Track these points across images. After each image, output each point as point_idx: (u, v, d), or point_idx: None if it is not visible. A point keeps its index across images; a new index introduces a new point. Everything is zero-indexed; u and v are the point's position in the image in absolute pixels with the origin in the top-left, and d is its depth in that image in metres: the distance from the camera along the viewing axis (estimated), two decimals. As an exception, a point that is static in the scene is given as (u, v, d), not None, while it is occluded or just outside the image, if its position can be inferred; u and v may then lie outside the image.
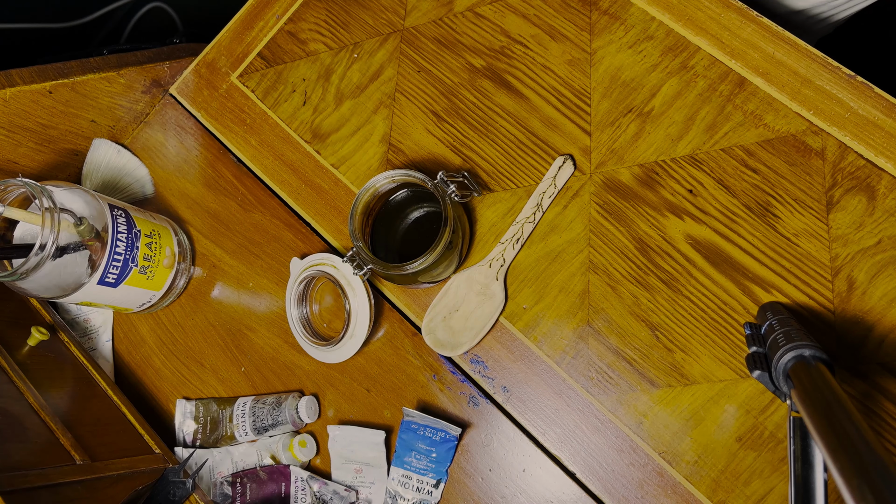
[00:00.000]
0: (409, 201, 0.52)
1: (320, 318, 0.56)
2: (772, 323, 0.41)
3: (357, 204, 0.48)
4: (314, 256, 0.54)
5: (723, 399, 0.46)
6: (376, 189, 0.48)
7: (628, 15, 0.54)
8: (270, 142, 0.61)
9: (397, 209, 0.52)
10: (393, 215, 0.52)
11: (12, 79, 0.55)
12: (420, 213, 0.52)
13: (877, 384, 0.44)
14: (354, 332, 0.52)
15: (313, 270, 0.53)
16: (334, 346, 0.52)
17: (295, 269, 0.55)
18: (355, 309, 0.51)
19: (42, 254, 0.46)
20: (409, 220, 0.52)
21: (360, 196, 0.48)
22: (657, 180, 0.50)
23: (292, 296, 0.54)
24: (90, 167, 0.63)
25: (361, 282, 0.51)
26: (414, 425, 0.50)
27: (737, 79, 0.50)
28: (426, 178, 0.46)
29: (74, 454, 0.46)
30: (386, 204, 0.51)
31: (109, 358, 0.62)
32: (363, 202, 0.48)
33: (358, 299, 0.51)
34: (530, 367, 0.50)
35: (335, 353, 0.53)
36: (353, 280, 0.51)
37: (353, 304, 0.51)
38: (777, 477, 0.44)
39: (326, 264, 0.53)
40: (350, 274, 0.51)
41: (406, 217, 0.52)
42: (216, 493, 0.53)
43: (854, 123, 0.47)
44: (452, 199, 0.48)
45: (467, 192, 0.50)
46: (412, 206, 0.52)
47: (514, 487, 0.50)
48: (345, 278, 0.51)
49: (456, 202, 0.48)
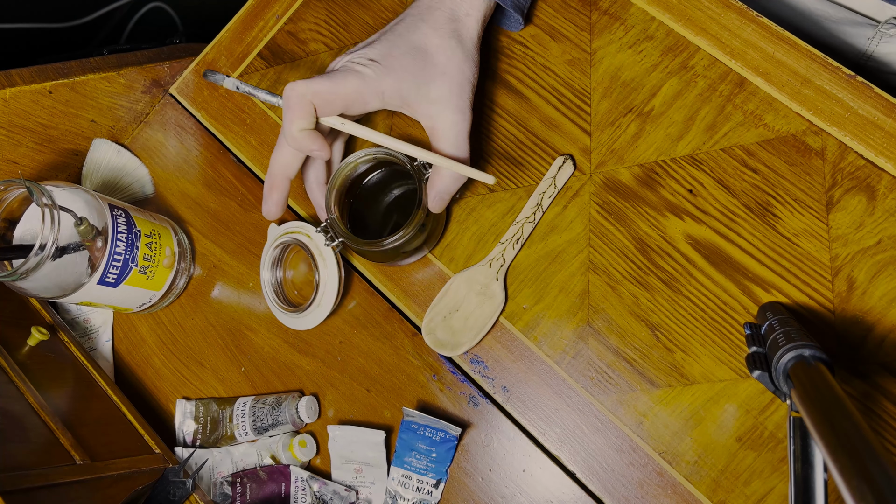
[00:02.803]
0: (390, 182, 0.54)
1: (292, 284, 0.57)
2: (772, 323, 0.41)
3: (336, 177, 0.49)
4: (291, 224, 0.56)
5: (723, 399, 0.46)
6: (356, 164, 0.49)
7: (628, 15, 0.54)
8: (270, 142, 0.61)
9: (379, 188, 0.53)
10: (375, 194, 0.53)
11: (12, 79, 0.55)
12: (399, 193, 0.53)
13: (877, 384, 0.44)
14: (322, 301, 0.53)
15: (288, 238, 0.54)
16: (301, 313, 0.54)
17: (272, 234, 0.57)
18: (324, 279, 0.53)
19: (42, 254, 0.46)
20: (389, 200, 0.53)
21: (340, 170, 0.49)
22: (657, 180, 0.50)
23: (266, 260, 0.56)
24: (90, 167, 0.63)
25: (333, 253, 0.53)
26: (414, 425, 0.50)
27: (737, 79, 0.50)
28: (406, 157, 0.48)
29: (74, 454, 0.46)
30: (367, 182, 0.53)
31: (109, 358, 0.62)
32: (342, 176, 0.49)
33: (328, 270, 0.53)
34: (530, 367, 0.50)
35: (302, 320, 0.54)
36: (325, 251, 0.53)
37: (323, 274, 0.53)
38: (777, 477, 0.44)
39: (301, 233, 0.54)
40: (322, 245, 0.53)
41: (386, 196, 0.54)
42: (216, 493, 0.53)
43: (854, 123, 0.47)
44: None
45: None
46: (393, 186, 0.54)
47: (514, 487, 0.50)
48: (317, 248, 0.53)
49: None
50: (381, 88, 0.45)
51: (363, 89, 0.45)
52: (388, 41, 0.47)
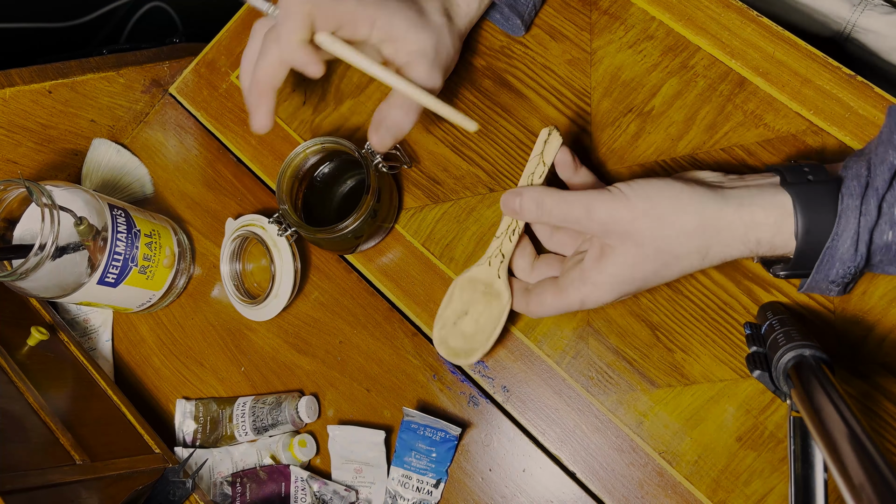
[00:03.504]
0: (342, 172, 0.55)
1: (252, 276, 0.58)
2: (772, 323, 0.41)
3: (286, 168, 0.50)
4: (247, 217, 0.57)
5: (723, 399, 0.46)
6: (305, 154, 0.50)
7: (628, 15, 0.53)
8: (270, 142, 0.61)
9: (332, 179, 0.54)
10: (328, 184, 0.53)
11: (12, 78, 0.55)
12: (353, 183, 0.54)
13: (877, 384, 0.44)
14: (278, 292, 0.54)
15: (244, 231, 0.55)
16: (259, 305, 0.55)
17: (229, 227, 0.58)
18: (279, 269, 0.54)
19: (41, 254, 0.46)
20: (343, 190, 0.54)
21: (290, 161, 0.50)
22: (657, 180, 0.50)
23: (225, 253, 0.57)
24: (90, 167, 0.63)
25: (287, 244, 0.54)
26: (414, 425, 0.50)
27: (737, 78, 0.50)
28: (354, 146, 0.49)
29: (74, 454, 0.46)
30: (320, 173, 0.54)
31: (109, 358, 0.62)
32: (292, 166, 0.50)
33: (283, 260, 0.54)
34: (530, 367, 0.50)
35: (260, 311, 0.55)
36: (280, 242, 0.54)
37: (278, 265, 0.54)
38: (777, 477, 0.44)
39: (256, 225, 0.55)
40: (276, 235, 0.53)
41: (340, 187, 0.55)
42: (216, 492, 0.53)
43: (854, 123, 0.47)
44: (378, 169, 0.50)
45: (396, 163, 0.53)
46: (345, 176, 0.54)
47: (514, 487, 0.50)
48: (272, 239, 0.54)
49: (383, 172, 0.51)
50: (375, 16, 0.44)
51: (359, 11, 0.43)
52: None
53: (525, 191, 0.42)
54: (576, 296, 0.42)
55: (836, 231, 0.37)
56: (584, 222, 0.40)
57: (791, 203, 0.37)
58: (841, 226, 0.37)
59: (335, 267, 0.57)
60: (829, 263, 0.38)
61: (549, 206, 0.41)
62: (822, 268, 0.38)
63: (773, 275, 0.42)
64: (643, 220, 0.38)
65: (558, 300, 0.43)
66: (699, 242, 0.39)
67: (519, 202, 0.42)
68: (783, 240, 0.38)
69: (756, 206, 0.38)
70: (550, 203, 0.41)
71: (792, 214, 0.37)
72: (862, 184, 0.36)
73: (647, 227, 0.38)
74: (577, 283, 0.41)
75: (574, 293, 0.42)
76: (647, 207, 0.38)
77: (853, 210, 0.36)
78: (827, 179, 0.38)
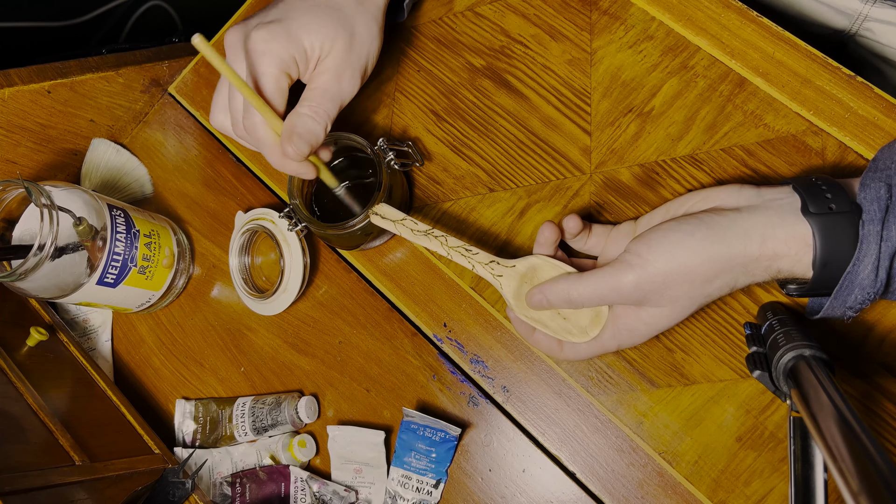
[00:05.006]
0: (354, 168, 0.54)
1: (260, 270, 0.58)
2: (772, 323, 0.41)
3: None
4: (257, 210, 0.56)
5: (723, 399, 0.46)
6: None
7: (628, 15, 0.53)
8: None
9: (343, 174, 0.53)
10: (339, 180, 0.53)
11: (11, 78, 0.55)
12: (365, 180, 0.54)
13: (877, 384, 0.44)
14: (287, 286, 0.54)
15: (254, 224, 0.55)
16: (267, 298, 0.54)
17: (239, 221, 0.57)
18: (289, 264, 0.54)
19: (41, 254, 0.46)
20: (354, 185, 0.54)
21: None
22: (657, 180, 0.50)
23: (234, 246, 0.57)
24: (89, 167, 0.63)
25: (297, 238, 0.54)
26: (414, 425, 0.50)
27: (737, 79, 0.50)
28: (367, 142, 0.49)
29: (74, 455, 0.46)
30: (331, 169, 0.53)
31: (109, 358, 0.61)
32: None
33: (293, 255, 0.54)
34: (530, 367, 0.50)
35: (269, 305, 0.55)
36: (290, 236, 0.54)
37: (287, 260, 0.54)
38: (777, 477, 0.44)
39: (266, 219, 0.55)
40: (286, 230, 0.53)
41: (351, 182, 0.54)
42: (216, 493, 0.53)
43: (854, 123, 0.47)
44: (391, 166, 0.50)
45: (408, 161, 0.52)
46: (356, 172, 0.54)
47: (514, 487, 0.50)
48: (281, 234, 0.54)
49: (395, 169, 0.50)
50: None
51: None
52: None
53: (547, 289, 0.42)
54: (612, 343, 0.43)
55: (856, 257, 0.36)
56: (616, 300, 0.41)
57: (811, 235, 0.37)
58: (862, 251, 0.36)
59: (335, 267, 0.57)
60: (847, 290, 0.37)
61: (576, 296, 0.41)
62: (840, 293, 0.38)
63: (787, 294, 0.43)
64: (673, 277, 0.39)
65: (594, 348, 0.44)
66: (727, 279, 0.39)
67: (547, 301, 0.43)
68: (802, 269, 0.38)
69: (777, 239, 0.38)
70: (576, 294, 0.41)
71: (811, 246, 0.37)
72: (882, 207, 0.36)
73: (677, 284, 0.39)
74: (611, 329, 0.43)
75: (610, 342, 0.43)
76: (673, 268, 0.39)
77: (874, 236, 0.36)
78: (849, 210, 0.37)
